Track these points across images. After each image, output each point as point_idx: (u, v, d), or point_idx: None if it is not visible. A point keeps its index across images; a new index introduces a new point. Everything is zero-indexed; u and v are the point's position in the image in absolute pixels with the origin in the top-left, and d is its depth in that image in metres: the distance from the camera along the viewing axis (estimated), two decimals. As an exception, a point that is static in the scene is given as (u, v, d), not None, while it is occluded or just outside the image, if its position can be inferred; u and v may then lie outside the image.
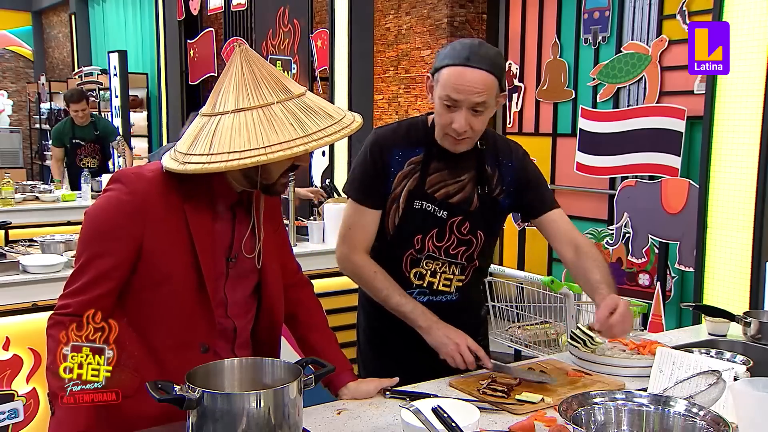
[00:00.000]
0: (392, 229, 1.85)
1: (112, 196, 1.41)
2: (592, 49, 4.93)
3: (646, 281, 4.52)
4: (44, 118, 11.17)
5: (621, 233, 4.25)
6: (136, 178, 1.42)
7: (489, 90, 1.70)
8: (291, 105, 1.36)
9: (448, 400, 1.45)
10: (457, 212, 1.83)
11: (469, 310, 1.96)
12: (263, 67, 1.40)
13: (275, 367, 1.40)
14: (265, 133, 1.32)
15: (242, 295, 1.55)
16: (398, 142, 1.83)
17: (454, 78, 1.70)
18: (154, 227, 1.40)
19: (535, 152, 5.10)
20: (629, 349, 1.94)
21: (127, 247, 1.39)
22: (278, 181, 1.46)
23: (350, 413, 1.55)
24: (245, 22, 7.22)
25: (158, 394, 1.24)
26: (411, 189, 1.82)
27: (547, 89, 5.29)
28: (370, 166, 1.84)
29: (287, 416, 1.27)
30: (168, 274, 1.42)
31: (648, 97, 4.50)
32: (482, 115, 1.73)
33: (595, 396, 1.34)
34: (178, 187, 1.43)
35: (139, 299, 1.44)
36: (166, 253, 1.41)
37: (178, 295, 1.43)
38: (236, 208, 1.52)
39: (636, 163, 4.27)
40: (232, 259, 1.51)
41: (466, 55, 1.71)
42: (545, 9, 5.32)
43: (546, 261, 5.37)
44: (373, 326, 1.99)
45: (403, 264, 1.86)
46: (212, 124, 1.37)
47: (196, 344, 1.46)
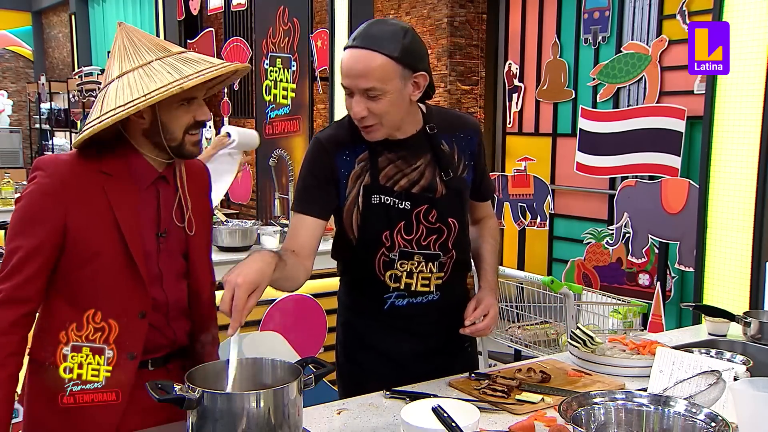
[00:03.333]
0: (356, 232, 1.73)
1: (33, 184, 1.48)
2: (592, 49, 4.93)
3: (646, 281, 4.52)
4: (44, 118, 11.16)
5: (621, 233, 4.25)
6: (52, 162, 1.50)
7: (378, 73, 1.56)
8: (170, 59, 1.47)
9: (448, 400, 1.45)
10: (421, 201, 1.71)
11: (453, 311, 1.81)
12: (143, 36, 1.50)
13: (275, 367, 1.40)
14: (145, 84, 1.42)
15: (177, 268, 1.60)
16: (342, 141, 1.72)
17: (344, 63, 1.61)
18: (76, 208, 1.46)
19: (535, 152, 5.11)
20: (629, 349, 1.94)
21: (50, 228, 1.45)
22: (185, 140, 1.52)
23: (350, 413, 1.55)
24: (245, 22, 7.22)
25: (158, 393, 1.24)
26: (366, 185, 1.71)
27: (547, 89, 5.29)
28: (314, 172, 1.73)
29: (287, 416, 1.27)
30: (95, 251, 1.47)
31: (648, 97, 4.50)
32: (381, 99, 1.59)
33: (595, 396, 1.34)
34: (97, 168, 1.50)
35: (74, 277, 1.49)
36: (90, 232, 1.47)
37: (108, 271, 1.49)
38: (159, 184, 1.58)
39: (636, 163, 4.27)
40: (162, 234, 1.57)
41: (355, 35, 1.60)
42: (545, 9, 5.32)
43: (546, 261, 5.37)
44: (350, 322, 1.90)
45: (377, 267, 1.73)
46: (102, 94, 1.47)
47: (134, 313, 1.51)
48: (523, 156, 4.87)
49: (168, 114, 1.48)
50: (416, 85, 1.65)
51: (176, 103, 1.47)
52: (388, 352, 1.80)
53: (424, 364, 1.80)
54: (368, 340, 1.82)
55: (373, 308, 1.79)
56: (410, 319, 1.79)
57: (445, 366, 1.82)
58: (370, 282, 1.76)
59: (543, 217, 4.77)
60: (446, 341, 1.84)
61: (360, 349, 1.84)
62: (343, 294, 1.91)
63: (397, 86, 1.60)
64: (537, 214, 4.78)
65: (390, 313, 1.77)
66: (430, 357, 1.82)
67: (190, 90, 1.45)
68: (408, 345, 1.80)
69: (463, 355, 1.90)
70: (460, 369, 1.81)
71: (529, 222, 4.82)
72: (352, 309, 1.88)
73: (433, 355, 1.83)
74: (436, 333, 1.83)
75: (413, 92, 1.66)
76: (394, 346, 1.80)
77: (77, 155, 1.51)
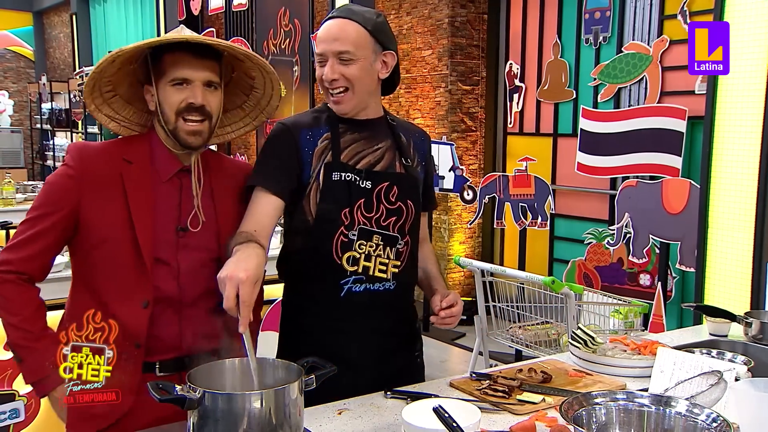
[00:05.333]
0: (314, 210, 1.70)
1: (62, 166, 1.56)
2: (593, 49, 4.93)
3: (647, 281, 4.52)
4: (45, 118, 11.17)
5: (622, 233, 4.25)
6: (80, 147, 1.57)
7: (352, 37, 1.66)
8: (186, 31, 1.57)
9: (449, 400, 1.45)
10: (383, 179, 1.72)
11: (406, 311, 1.82)
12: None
13: (276, 367, 1.40)
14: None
15: (201, 265, 1.58)
16: (306, 123, 1.75)
17: (320, 33, 1.70)
18: (92, 194, 1.52)
19: (536, 152, 5.11)
20: (630, 350, 1.94)
21: (64, 209, 1.52)
22: (178, 125, 1.54)
23: (351, 413, 1.55)
24: (246, 22, 7.22)
25: (159, 394, 1.24)
26: (327, 162, 1.71)
27: (548, 89, 5.29)
28: (276, 151, 1.72)
29: (288, 416, 1.27)
30: (103, 237, 1.52)
31: (649, 97, 4.50)
32: (353, 64, 1.67)
33: (597, 396, 1.34)
34: (121, 155, 1.56)
35: (84, 259, 1.57)
36: (101, 219, 1.52)
37: (114, 257, 1.52)
38: (183, 177, 1.60)
39: (637, 163, 4.27)
40: (183, 228, 1.57)
41: (334, 9, 1.74)
42: (546, 9, 5.32)
43: (547, 261, 5.37)
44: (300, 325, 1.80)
45: (334, 249, 1.68)
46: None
47: (138, 300, 1.53)
48: (524, 156, 4.87)
49: (163, 92, 1.53)
50: (384, 64, 1.73)
51: (168, 81, 1.52)
52: (336, 354, 1.59)
53: (370, 374, 1.73)
54: (314, 342, 1.72)
55: (327, 300, 1.71)
56: (365, 312, 1.73)
57: (392, 375, 1.74)
58: (325, 269, 1.70)
59: (544, 217, 4.77)
60: (398, 344, 1.81)
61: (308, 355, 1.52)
62: (291, 294, 1.83)
63: (368, 57, 1.69)
64: (538, 214, 4.78)
65: (345, 303, 1.70)
66: (378, 363, 1.76)
67: (178, 70, 1.51)
68: (357, 347, 1.73)
69: (412, 364, 1.86)
70: (409, 379, 1.76)
71: (530, 222, 4.82)
72: (300, 308, 1.78)
73: (381, 361, 1.76)
74: (389, 332, 1.78)
75: (381, 70, 1.74)
76: (342, 348, 1.70)
77: (109, 143, 1.59)
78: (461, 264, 3.84)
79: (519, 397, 1.63)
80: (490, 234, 5.92)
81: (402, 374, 1.78)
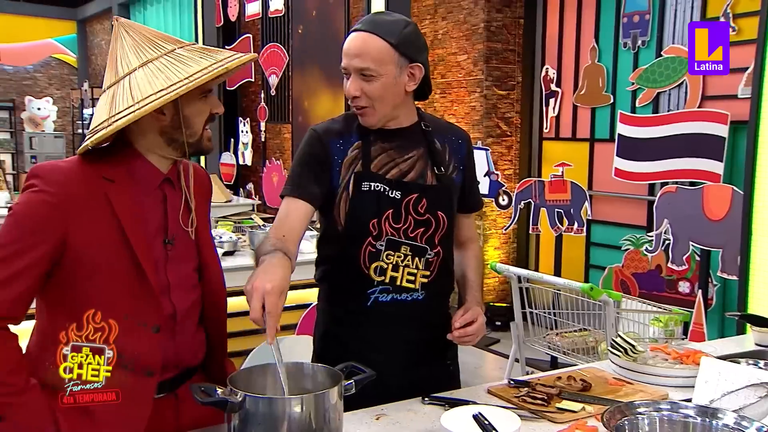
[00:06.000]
0: (344, 219, 1.70)
1: (32, 192, 1.36)
2: (632, 53, 4.86)
3: (687, 289, 4.43)
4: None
5: (661, 240, 4.17)
6: (52, 170, 1.38)
7: (374, 54, 1.61)
8: (192, 47, 1.43)
9: (489, 407, 1.44)
10: (412, 190, 1.70)
11: (437, 319, 1.78)
12: (149, 30, 1.45)
13: (316, 372, 1.41)
14: (183, 68, 1.37)
15: (186, 277, 1.51)
16: (337, 130, 1.74)
17: (345, 45, 1.66)
18: (78, 218, 1.35)
19: (573, 157, 5.06)
20: (672, 359, 1.90)
21: (50, 240, 1.34)
22: (203, 135, 1.47)
23: (389, 419, 1.55)
24: (282, 28, 7.30)
25: (201, 396, 1.26)
26: (357, 172, 1.70)
27: (585, 94, 5.23)
28: (308, 159, 1.72)
29: (328, 421, 1.27)
30: (99, 263, 1.37)
31: (689, 102, 4.42)
32: (375, 81, 1.63)
33: (639, 406, 1.32)
34: (99, 174, 1.40)
35: (76, 293, 1.38)
36: (94, 243, 1.37)
37: (115, 282, 1.38)
38: (165, 188, 1.50)
39: (676, 169, 4.20)
40: (169, 241, 1.48)
41: (360, 21, 1.65)
42: (583, 13, 5.27)
43: (583, 268, 5.31)
44: (330, 331, 1.82)
45: (362, 259, 1.68)
46: (124, 85, 1.38)
47: (148, 326, 1.42)
48: (560, 161, 4.82)
49: (191, 107, 1.43)
50: (412, 75, 1.69)
51: (198, 95, 1.44)
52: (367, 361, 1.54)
53: (402, 383, 1.70)
54: (346, 350, 1.70)
55: (356, 309, 1.71)
56: (394, 322, 1.72)
57: (422, 383, 1.72)
58: (354, 278, 1.70)
59: (580, 223, 4.71)
60: (428, 352, 1.78)
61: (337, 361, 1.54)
62: (323, 301, 1.84)
63: (392, 72, 1.64)
64: (574, 220, 4.73)
65: (373, 312, 1.70)
66: (409, 372, 1.75)
67: (209, 82, 1.42)
68: (388, 356, 1.71)
69: (444, 372, 1.83)
70: (439, 387, 1.73)
71: (566, 228, 4.77)
72: (332, 316, 1.80)
73: (412, 370, 1.75)
74: (420, 341, 1.76)
75: (408, 83, 1.69)
76: (373, 357, 1.62)
77: (77, 162, 1.41)
78: (498, 270, 3.81)
79: (558, 405, 1.61)
80: (525, 239, 5.87)
81: (432, 382, 1.75)
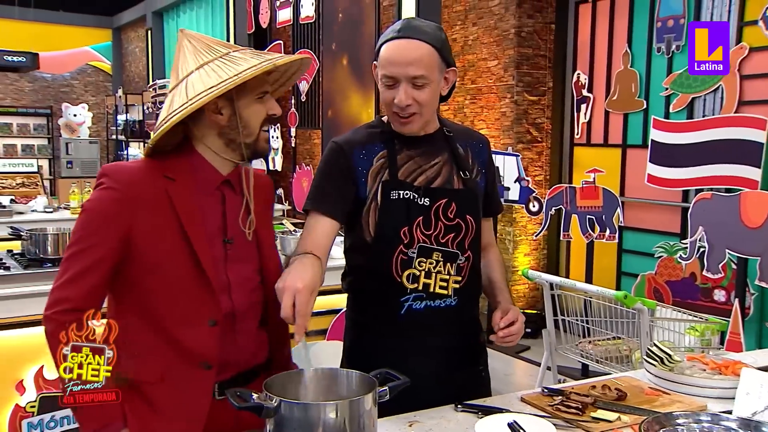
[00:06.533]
0: (373, 229, 1.70)
1: (101, 189, 1.47)
2: (665, 58, 4.80)
3: (722, 297, 4.35)
4: (120, 129, 11.64)
5: (696, 247, 4.10)
6: (118, 169, 1.50)
7: (426, 60, 1.61)
8: (245, 51, 1.50)
9: (523, 415, 1.43)
10: (441, 196, 1.71)
11: (470, 325, 1.79)
12: (209, 38, 1.52)
13: (350, 378, 1.42)
14: (233, 67, 1.43)
15: (246, 277, 1.56)
16: (359, 141, 1.73)
17: (388, 53, 1.64)
18: (142, 215, 1.44)
19: (604, 163, 5.00)
20: (710, 369, 1.87)
21: (115, 235, 1.43)
22: (260, 136, 1.52)
23: (422, 425, 1.55)
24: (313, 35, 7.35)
25: (237, 401, 1.28)
26: (385, 181, 1.70)
27: (617, 99, 5.18)
28: (331, 172, 1.72)
29: (362, 427, 1.28)
30: (160, 260, 1.45)
31: (725, 107, 4.34)
32: (426, 88, 1.63)
33: (678, 417, 1.30)
34: (160, 174, 1.48)
35: (134, 287, 1.47)
36: (155, 240, 1.45)
37: (175, 279, 1.45)
38: (224, 189, 1.56)
39: (712, 175, 4.12)
40: (229, 240, 1.54)
41: (398, 28, 1.65)
42: (616, 18, 5.22)
43: (615, 275, 5.24)
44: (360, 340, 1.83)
45: (394, 268, 1.68)
46: (181, 87, 1.46)
47: (204, 320, 1.47)
48: (592, 167, 4.77)
49: (247, 108, 1.49)
50: (446, 80, 1.70)
51: (255, 96, 1.49)
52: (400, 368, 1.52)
53: (435, 390, 1.70)
54: (377, 360, 1.63)
55: (388, 318, 1.71)
56: (427, 329, 1.72)
57: (454, 389, 1.71)
58: (386, 287, 1.70)
59: (612, 229, 4.65)
60: (461, 360, 1.78)
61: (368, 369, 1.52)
62: (352, 310, 1.84)
63: (437, 77, 1.66)
64: (606, 227, 4.67)
65: (406, 320, 1.70)
66: (442, 379, 1.74)
67: (264, 84, 1.49)
68: (420, 364, 1.69)
69: (476, 378, 1.83)
70: (471, 394, 1.72)
71: (598, 234, 4.71)
72: (362, 325, 1.80)
73: (445, 377, 1.75)
74: (452, 348, 1.76)
75: (443, 87, 1.71)
76: (405, 366, 1.55)
77: (142, 162, 1.52)
78: (529, 277, 3.79)
79: (593, 414, 1.59)
80: (556, 246, 5.82)
81: (465, 389, 1.75)
